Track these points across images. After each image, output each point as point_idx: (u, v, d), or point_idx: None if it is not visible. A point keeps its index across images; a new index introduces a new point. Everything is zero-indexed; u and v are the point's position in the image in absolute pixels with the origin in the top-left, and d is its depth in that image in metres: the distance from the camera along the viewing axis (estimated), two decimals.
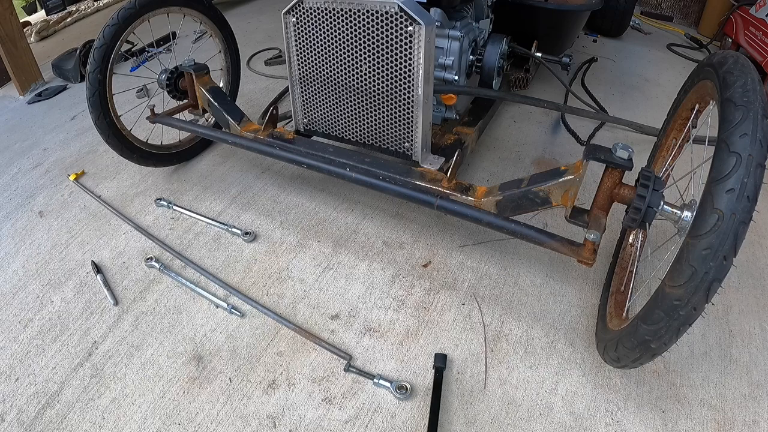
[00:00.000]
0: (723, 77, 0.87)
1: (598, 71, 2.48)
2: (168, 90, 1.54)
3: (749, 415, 1.01)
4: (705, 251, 0.74)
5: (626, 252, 1.26)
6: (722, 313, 1.22)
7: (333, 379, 1.06)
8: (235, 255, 1.36)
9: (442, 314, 1.20)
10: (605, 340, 1.00)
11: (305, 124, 1.41)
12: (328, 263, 1.33)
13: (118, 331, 1.16)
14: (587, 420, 1.00)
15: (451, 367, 1.09)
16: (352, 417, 1.00)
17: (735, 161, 0.74)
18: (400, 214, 1.50)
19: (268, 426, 0.98)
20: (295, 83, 1.35)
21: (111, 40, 1.38)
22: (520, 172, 1.70)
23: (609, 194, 0.99)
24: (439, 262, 1.34)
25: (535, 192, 1.07)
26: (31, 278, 1.30)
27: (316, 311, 1.21)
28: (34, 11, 3.63)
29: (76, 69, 2.31)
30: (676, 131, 1.23)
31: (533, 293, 1.26)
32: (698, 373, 1.09)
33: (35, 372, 1.08)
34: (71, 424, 0.98)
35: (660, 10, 3.44)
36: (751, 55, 2.41)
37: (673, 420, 1.00)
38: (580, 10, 2.08)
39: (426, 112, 1.21)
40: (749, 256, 1.39)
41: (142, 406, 1.01)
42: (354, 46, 1.19)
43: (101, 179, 1.66)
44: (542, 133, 1.93)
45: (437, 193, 1.18)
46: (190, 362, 1.09)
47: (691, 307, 0.77)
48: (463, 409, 1.01)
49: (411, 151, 1.28)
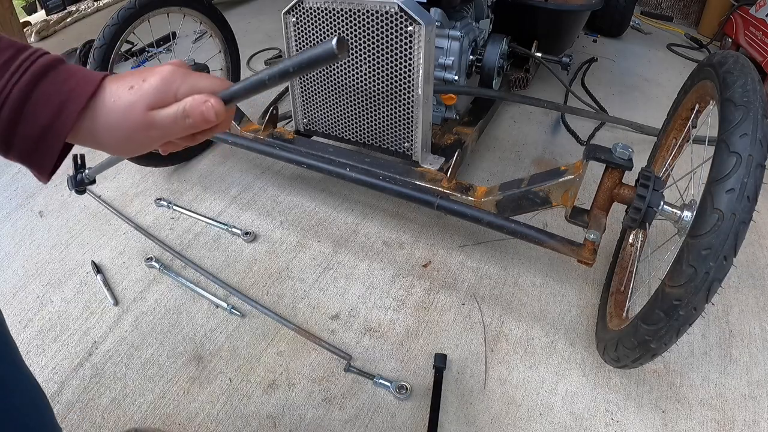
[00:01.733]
0: (723, 77, 0.87)
1: (598, 71, 2.48)
2: None
3: (749, 415, 1.01)
4: (705, 251, 0.74)
5: (626, 252, 1.26)
6: (722, 313, 1.22)
7: (333, 379, 1.06)
8: (235, 255, 1.36)
9: (442, 314, 1.20)
10: (605, 340, 1.00)
11: (305, 124, 1.41)
12: (328, 263, 1.33)
13: (118, 331, 1.16)
14: (587, 420, 1.00)
15: (451, 367, 1.09)
16: (352, 417, 1.00)
17: (735, 161, 0.74)
18: (400, 214, 1.50)
19: (268, 426, 0.98)
20: (295, 83, 1.35)
21: (111, 40, 1.38)
22: (520, 172, 1.70)
23: (609, 194, 0.99)
24: (439, 262, 1.34)
25: (535, 192, 1.07)
26: (31, 278, 1.30)
27: (316, 311, 1.21)
28: (34, 11, 3.63)
29: None
30: (676, 131, 1.23)
31: (533, 293, 1.26)
32: (698, 373, 1.09)
33: (35, 372, 1.07)
34: (71, 424, 0.98)
35: (660, 10, 3.44)
36: (751, 55, 2.41)
37: (673, 420, 1.00)
38: (580, 10, 2.08)
39: (426, 112, 1.21)
40: (749, 256, 1.39)
41: (142, 406, 1.01)
42: (354, 46, 1.19)
43: (101, 179, 1.66)
44: (542, 133, 1.93)
45: (437, 193, 1.18)
46: (190, 362, 1.10)
47: (691, 307, 0.77)
48: (463, 409, 1.01)
49: (411, 151, 1.28)
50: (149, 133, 0.44)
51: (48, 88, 0.41)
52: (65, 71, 0.43)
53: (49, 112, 0.41)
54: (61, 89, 0.42)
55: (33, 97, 0.41)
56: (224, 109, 0.45)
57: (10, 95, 0.40)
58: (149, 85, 0.44)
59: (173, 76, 0.44)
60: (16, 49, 0.41)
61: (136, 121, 0.43)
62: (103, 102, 0.43)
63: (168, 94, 0.44)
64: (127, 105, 0.43)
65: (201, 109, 0.44)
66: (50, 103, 0.41)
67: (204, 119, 0.44)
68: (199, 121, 0.44)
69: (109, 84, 0.44)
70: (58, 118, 0.41)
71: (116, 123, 0.43)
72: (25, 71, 0.41)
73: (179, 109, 0.44)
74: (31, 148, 0.42)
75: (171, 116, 0.44)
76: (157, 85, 0.44)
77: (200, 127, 0.45)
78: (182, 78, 0.45)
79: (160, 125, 0.44)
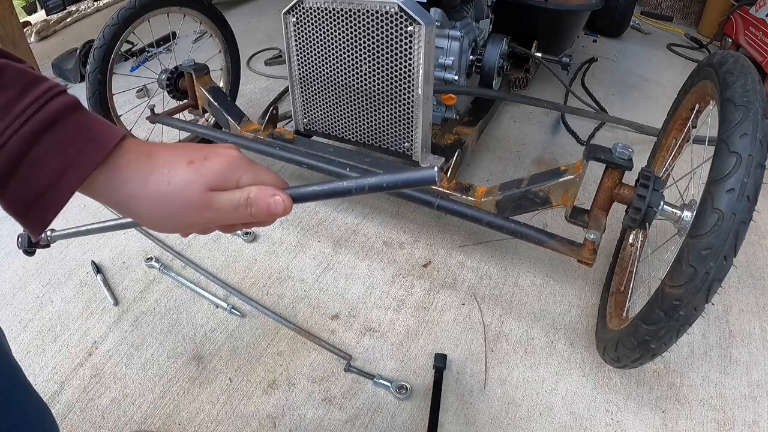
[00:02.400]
0: (723, 77, 0.87)
1: (598, 71, 2.48)
2: (168, 90, 1.53)
3: (749, 415, 1.01)
4: (705, 251, 0.74)
5: (626, 252, 1.26)
6: (722, 313, 1.22)
7: (333, 379, 1.06)
8: (235, 255, 1.36)
9: (442, 314, 1.20)
10: (605, 340, 1.00)
11: (305, 124, 1.41)
12: (328, 263, 1.33)
13: (118, 331, 1.16)
14: (587, 420, 1.00)
15: (451, 367, 1.09)
16: (352, 417, 1.00)
17: (735, 161, 0.74)
18: (400, 214, 1.50)
19: (268, 426, 0.98)
20: (295, 83, 1.35)
21: (111, 40, 1.38)
22: (520, 172, 1.70)
23: (609, 194, 0.99)
24: (439, 262, 1.34)
25: (535, 192, 1.07)
26: (31, 278, 1.30)
27: (316, 311, 1.21)
28: (34, 11, 3.63)
29: (76, 69, 2.30)
30: (676, 131, 1.23)
31: (533, 293, 1.26)
32: (698, 373, 1.09)
33: (35, 372, 1.08)
34: (71, 424, 0.98)
35: (660, 10, 3.44)
36: (751, 55, 2.41)
37: (673, 420, 1.00)
38: (580, 10, 2.08)
39: (426, 112, 1.21)
40: (749, 256, 1.39)
41: (142, 406, 1.01)
42: (354, 46, 1.19)
43: None
44: (542, 133, 1.93)
45: (437, 193, 1.18)
46: (190, 362, 1.10)
47: (691, 307, 0.77)
48: (463, 409, 1.01)
49: (411, 151, 1.28)
50: (203, 214, 0.41)
51: (50, 146, 0.35)
52: (76, 125, 0.36)
53: (45, 177, 0.35)
54: (65, 150, 0.35)
55: (31, 154, 0.34)
56: (291, 207, 0.43)
57: (6, 146, 0.33)
58: (213, 165, 0.41)
59: (239, 162, 0.42)
60: (24, 85, 0.34)
61: (191, 199, 0.40)
62: (138, 167, 0.39)
63: (231, 179, 0.41)
64: (185, 180, 0.39)
65: (267, 201, 0.41)
66: (48, 166, 0.35)
67: (269, 212, 0.42)
68: (263, 213, 0.42)
69: (157, 151, 0.40)
70: (54, 187, 0.35)
71: (166, 196, 0.39)
72: (29, 118, 0.34)
73: (243, 196, 0.41)
74: (22, 211, 0.36)
75: (233, 202, 0.41)
76: (223, 167, 0.41)
77: (260, 218, 0.42)
78: (247, 166, 0.42)
79: (218, 208, 0.41)
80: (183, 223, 0.42)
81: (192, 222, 0.42)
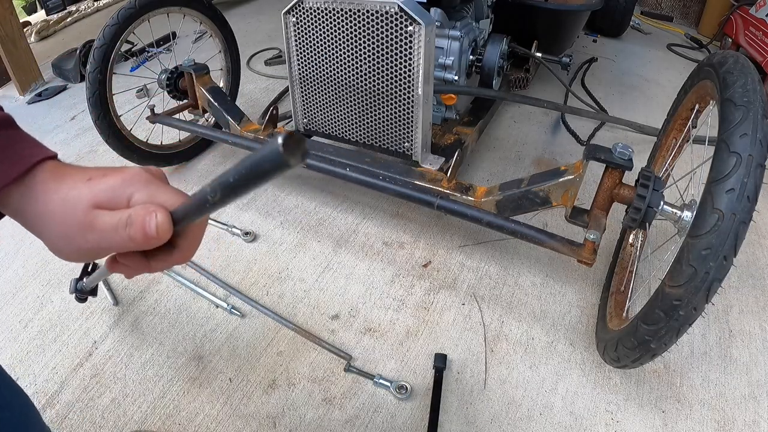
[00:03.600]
0: (723, 77, 0.87)
1: (598, 71, 2.48)
2: (168, 90, 1.54)
3: (749, 415, 1.01)
4: (705, 251, 0.74)
5: (626, 252, 1.26)
6: (722, 313, 1.22)
7: (333, 379, 1.06)
8: (235, 255, 1.36)
9: (442, 314, 1.20)
10: (605, 340, 1.00)
11: (305, 124, 1.41)
12: (328, 263, 1.33)
13: (118, 331, 1.16)
14: (587, 420, 1.00)
15: (451, 367, 1.09)
16: (352, 417, 1.00)
17: (735, 161, 0.74)
18: (400, 214, 1.50)
19: (268, 426, 0.98)
20: (295, 83, 1.35)
21: (111, 40, 1.38)
22: (520, 172, 1.70)
23: (609, 194, 0.99)
24: (439, 262, 1.34)
25: (535, 192, 1.07)
26: (31, 278, 1.30)
27: (316, 311, 1.21)
28: (34, 11, 3.64)
29: (76, 69, 2.30)
30: (676, 131, 1.23)
31: (533, 293, 1.26)
32: (698, 373, 1.09)
33: (35, 372, 1.08)
34: (71, 424, 0.98)
35: (660, 10, 3.45)
36: (751, 55, 2.41)
37: (673, 420, 1.00)
38: (580, 10, 2.08)
39: (426, 112, 1.21)
40: (749, 256, 1.39)
41: (142, 406, 1.01)
42: (354, 46, 1.19)
43: None
44: (542, 133, 1.93)
45: (437, 193, 1.18)
46: (190, 362, 1.09)
47: (691, 307, 0.77)
48: (463, 409, 1.01)
49: (411, 151, 1.28)
50: (86, 236, 0.37)
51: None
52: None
53: None
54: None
55: None
56: (169, 227, 0.36)
57: None
58: (108, 180, 0.37)
59: (135, 179, 0.37)
60: None
61: (77, 217, 0.36)
62: (46, 187, 0.37)
63: (121, 197, 0.37)
64: (76, 198, 0.36)
65: (143, 220, 0.35)
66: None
67: (144, 233, 0.35)
68: (140, 234, 0.35)
69: (72, 171, 0.38)
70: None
71: (61, 216, 0.37)
72: None
73: (123, 215, 0.36)
74: None
75: (113, 222, 0.36)
76: (116, 183, 0.37)
77: (138, 241, 0.36)
78: (143, 184, 0.37)
79: (99, 229, 0.36)
80: (75, 246, 0.38)
81: (82, 245, 0.37)
